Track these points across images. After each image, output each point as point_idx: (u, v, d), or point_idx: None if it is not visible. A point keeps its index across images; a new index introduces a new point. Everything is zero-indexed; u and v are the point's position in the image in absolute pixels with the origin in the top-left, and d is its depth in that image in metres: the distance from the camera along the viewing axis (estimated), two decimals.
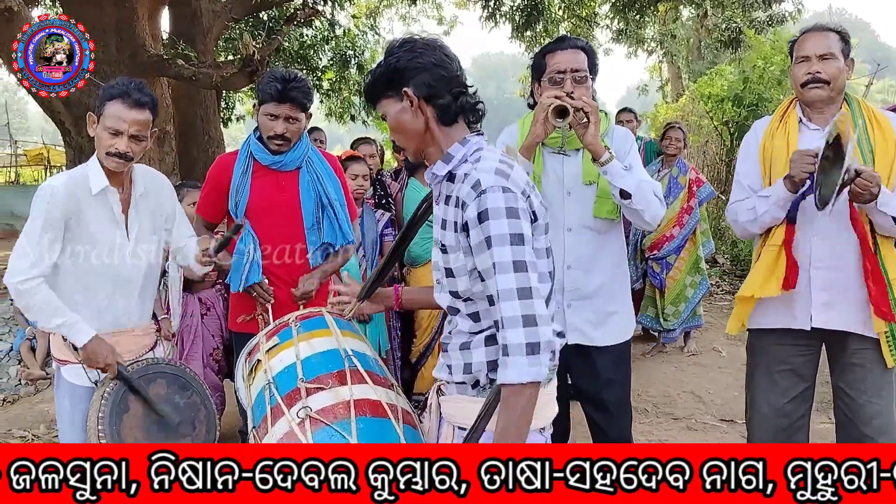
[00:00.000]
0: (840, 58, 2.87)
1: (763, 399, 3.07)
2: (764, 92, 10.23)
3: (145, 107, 2.77)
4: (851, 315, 2.86)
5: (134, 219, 2.89)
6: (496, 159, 1.94)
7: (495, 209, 1.83)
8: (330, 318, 2.49)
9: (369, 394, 2.16)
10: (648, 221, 2.83)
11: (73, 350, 2.82)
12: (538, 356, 1.76)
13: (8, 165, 24.10)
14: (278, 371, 2.32)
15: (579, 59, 2.86)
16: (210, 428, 2.94)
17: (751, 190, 3.02)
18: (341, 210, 3.35)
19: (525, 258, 1.82)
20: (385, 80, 2.00)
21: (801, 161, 2.72)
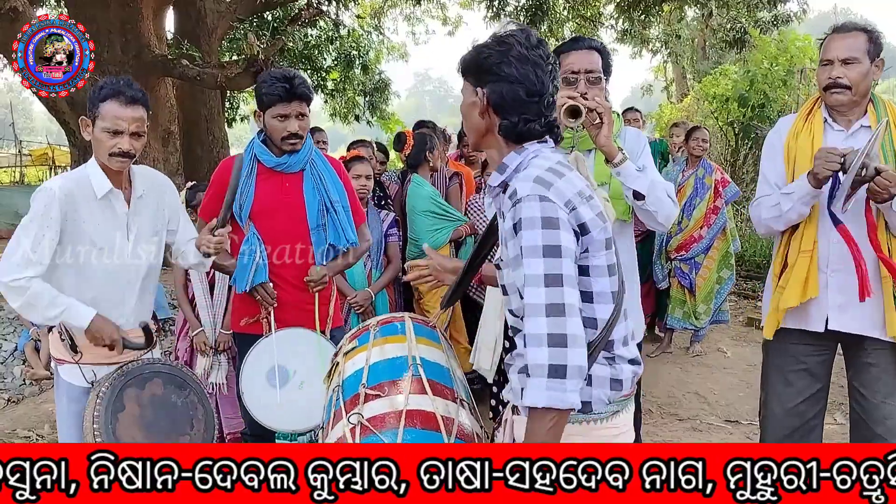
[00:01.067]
0: (865, 60, 2.82)
1: (777, 399, 3.07)
2: (769, 92, 10.20)
3: (139, 103, 2.76)
4: (867, 318, 2.85)
5: (133, 220, 2.89)
6: (544, 167, 1.82)
7: (529, 219, 1.72)
8: (410, 323, 2.44)
9: (425, 405, 2.11)
10: (661, 222, 2.78)
11: (69, 350, 2.82)
12: (563, 381, 1.63)
13: (12, 165, 24.14)
14: (348, 375, 2.32)
15: (593, 60, 2.82)
16: (208, 427, 2.93)
17: (776, 187, 2.99)
18: (343, 212, 3.34)
19: (561, 271, 1.68)
20: (471, 66, 1.93)
21: (825, 159, 2.68)
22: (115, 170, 2.78)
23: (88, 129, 2.78)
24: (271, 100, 3.14)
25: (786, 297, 2.90)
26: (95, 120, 2.74)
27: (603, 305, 1.83)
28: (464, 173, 5.37)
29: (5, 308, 7.38)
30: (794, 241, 2.92)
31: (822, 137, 2.91)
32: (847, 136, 2.89)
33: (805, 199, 2.80)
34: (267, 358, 3.13)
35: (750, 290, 8.94)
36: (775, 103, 10.08)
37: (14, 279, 2.64)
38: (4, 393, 5.76)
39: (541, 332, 1.66)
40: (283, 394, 3.11)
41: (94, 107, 2.74)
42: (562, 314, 1.65)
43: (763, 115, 10.06)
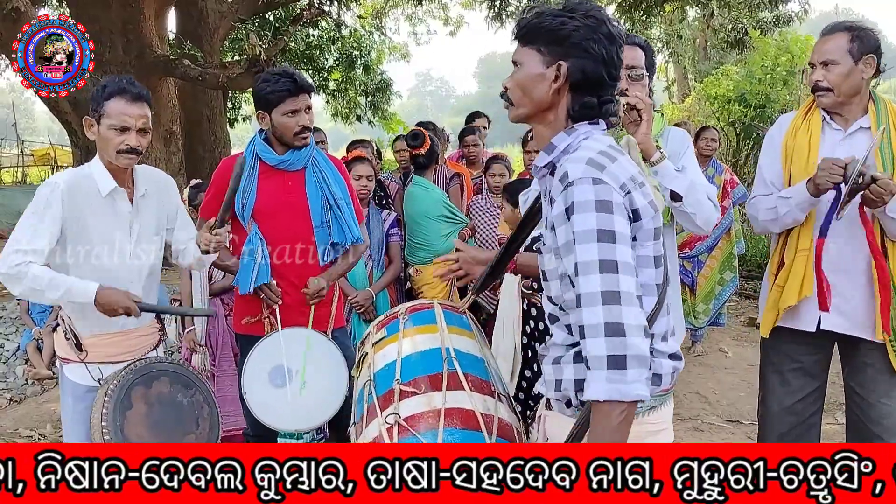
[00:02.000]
0: (845, 61, 2.82)
1: (773, 398, 3.08)
2: (770, 92, 10.20)
3: (144, 100, 2.77)
4: (859, 319, 2.86)
5: (136, 219, 2.90)
6: (596, 149, 1.73)
7: (583, 202, 1.63)
8: (440, 311, 2.36)
9: (463, 402, 2.04)
10: (700, 225, 2.69)
11: (74, 349, 2.83)
12: (624, 371, 1.56)
13: (15, 165, 24.15)
14: (380, 368, 2.26)
15: (636, 56, 2.74)
16: (213, 426, 2.94)
17: (772, 185, 3.01)
18: (347, 209, 3.34)
19: (616, 258, 1.60)
20: (547, 35, 1.76)
21: (828, 170, 2.68)
22: (121, 167, 2.79)
23: (93, 128, 2.78)
24: (280, 97, 3.13)
25: (785, 297, 2.91)
26: (101, 118, 2.74)
27: (646, 298, 1.75)
28: (464, 174, 5.38)
29: (7, 308, 7.40)
30: (790, 240, 2.93)
31: (819, 136, 2.93)
32: (845, 135, 2.90)
33: (802, 205, 2.81)
34: (269, 357, 3.14)
35: (751, 290, 8.93)
36: (776, 103, 10.08)
37: (12, 266, 2.65)
38: (7, 392, 5.77)
39: (597, 321, 1.59)
40: (286, 393, 3.11)
41: (98, 105, 2.74)
42: (618, 302, 1.58)
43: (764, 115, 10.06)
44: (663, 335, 1.84)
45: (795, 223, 2.88)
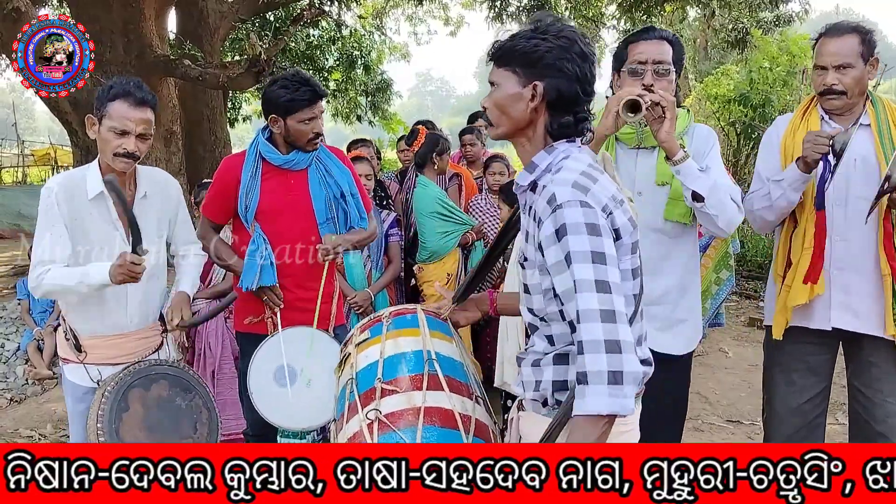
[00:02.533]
0: (859, 64, 2.83)
1: (780, 399, 3.08)
2: (770, 92, 10.19)
3: (148, 105, 2.76)
4: (868, 317, 2.86)
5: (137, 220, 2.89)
6: (578, 171, 1.79)
7: (574, 224, 1.70)
8: (423, 316, 2.41)
9: (442, 402, 2.09)
10: (722, 227, 2.66)
11: (73, 350, 2.83)
12: (621, 387, 1.62)
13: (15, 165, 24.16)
14: (362, 367, 2.29)
15: (663, 51, 2.70)
16: (212, 430, 2.93)
17: (768, 182, 3.00)
18: (353, 200, 3.34)
19: (608, 278, 1.67)
20: (521, 57, 1.83)
21: (814, 142, 2.69)
22: (118, 170, 2.77)
23: (94, 127, 2.77)
24: (299, 104, 3.12)
25: (793, 295, 2.90)
26: (102, 118, 2.73)
27: (627, 307, 1.80)
28: (463, 174, 5.38)
29: (8, 308, 7.40)
30: (795, 239, 2.93)
31: None
32: (839, 127, 2.91)
33: (795, 184, 2.80)
34: (273, 357, 3.14)
35: (751, 290, 8.94)
36: (777, 103, 10.06)
37: (34, 279, 2.73)
38: (7, 392, 5.77)
39: (597, 338, 1.64)
40: (291, 392, 3.12)
41: (101, 105, 2.73)
42: (614, 320, 1.64)
43: (764, 115, 10.03)
44: (637, 340, 1.88)
45: (790, 206, 2.87)
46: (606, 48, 18.12)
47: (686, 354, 2.94)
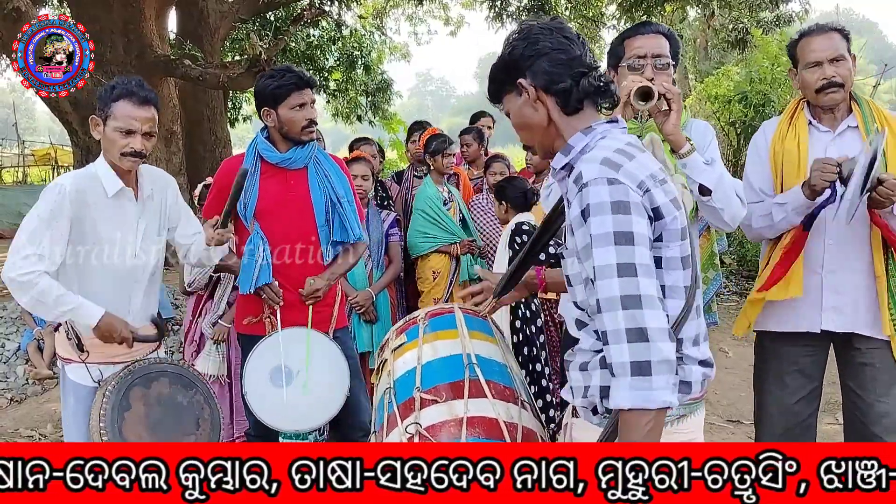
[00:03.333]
0: (848, 58, 2.86)
1: (771, 400, 3.07)
2: (770, 92, 10.19)
3: (151, 103, 2.78)
4: (861, 317, 2.86)
5: (141, 219, 2.90)
6: (612, 148, 1.71)
7: (598, 204, 1.60)
8: (461, 316, 2.34)
9: (486, 410, 2.01)
10: (727, 221, 2.60)
11: (75, 349, 2.83)
12: (650, 378, 1.53)
13: (15, 165, 24.18)
14: (399, 375, 2.22)
15: (661, 45, 2.68)
16: (214, 427, 2.94)
17: (761, 192, 3.00)
18: (349, 207, 3.35)
19: (634, 260, 1.57)
20: (502, 74, 1.85)
21: (822, 170, 2.67)
22: (125, 169, 2.79)
23: (99, 127, 2.79)
24: (287, 90, 3.16)
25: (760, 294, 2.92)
26: (107, 119, 2.74)
27: (673, 301, 1.72)
28: (461, 175, 5.38)
29: (8, 308, 7.40)
30: (778, 242, 2.93)
31: (808, 140, 2.93)
32: (834, 136, 2.91)
33: (799, 209, 2.80)
34: (270, 357, 3.14)
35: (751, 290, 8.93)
36: (777, 103, 10.06)
37: (23, 273, 2.62)
38: (7, 392, 5.77)
39: (618, 327, 1.56)
40: (287, 393, 3.11)
41: (105, 106, 2.74)
42: (639, 306, 1.55)
43: (764, 115, 10.03)
44: (693, 339, 1.79)
45: (790, 227, 2.87)
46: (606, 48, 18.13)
47: None
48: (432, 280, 4.77)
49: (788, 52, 3.03)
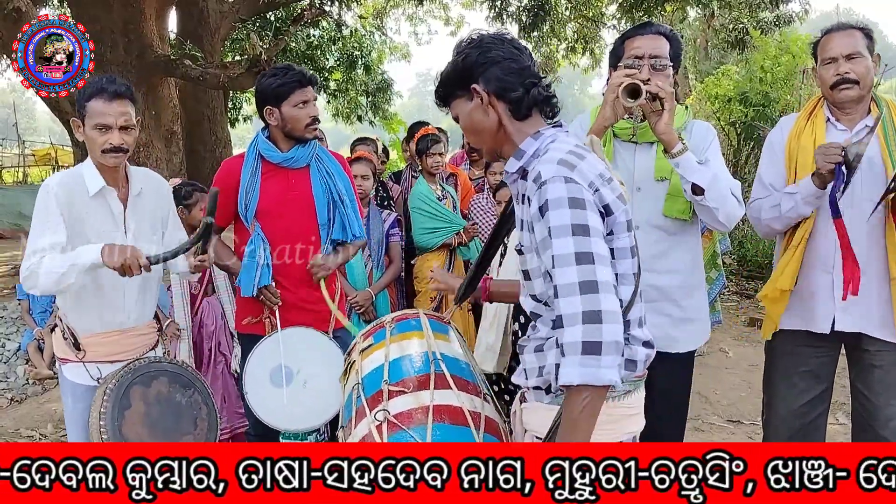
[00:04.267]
0: (867, 55, 2.84)
1: (781, 401, 3.06)
2: (770, 92, 10.19)
3: (124, 96, 2.77)
4: (872, 318, 2.85)
5: (131, 218, 2.90)
6: (564, 150, 1.82)
7: (556, 199, 1.71)
8: (426, 320, 2.42)
9: (451, 400, 2.07)
10: (722, 221, 2.62)
11: (72, 348, 2.83)
12: (598, 357, 1.60)
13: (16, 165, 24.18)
14: (367, 372, 2.28)
15: (660, 45, 2.69)
16: (211, 427, 2.94)
17: (772, 188, 2.98)
18: (351, 205, 3.35)
19: (591, 249, 1.67)
20: (454, 79, 1.96)
21: (825, 153, 2.67)
22: (109, 166, 2.79)
23: (80, 129, 2.81)
24: (290, 88, 3.15)
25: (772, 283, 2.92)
26: (84, 119, 2.76)
27: (625, 287, 1.84)
28: (459, 175, 5.37)
29: (8, 308, 7.40)
30: (787, 234, 2.93)
31: (824, 137, 2.90)
32: (851, 135, 2.88)
33: (808, 199, 2.78)
34: (270, 357, 3.13)
35: (752, 290, 8.93)
36: (777, 103, 10.06)
37: (26, 269, 2.68)
38: (8, 392, 5.77)
39: (575, 310, 1.63)
40: (287, 393, 3.11)
41: (81, 107, 2.77)
42: (595, 290, 1.63)
43: (765, 115, 10.04)
44: (638, 321, 1.91)
45: (800, 218, 2.86)
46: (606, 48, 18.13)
47: (687, 353, 2.93)
48: (430, 279, 4.78)
49: (812, 50, 3.02)
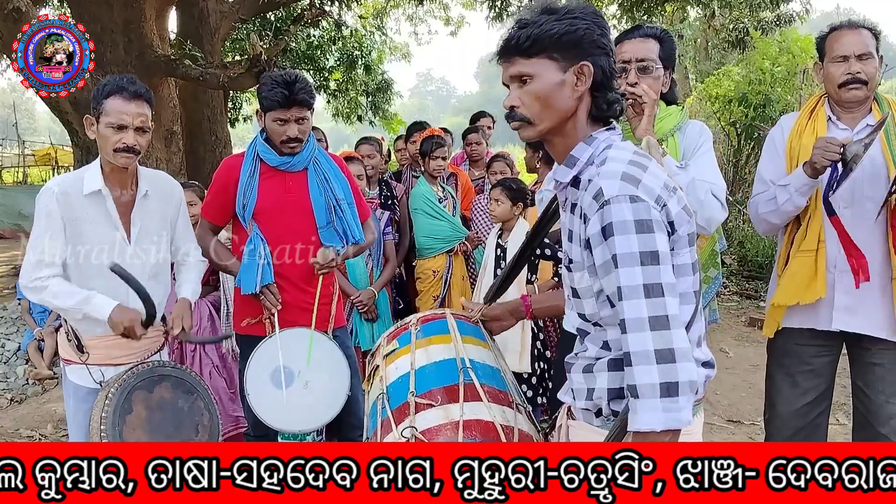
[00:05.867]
0: (876, 56, 2.84)
1: (782, 400, 3.07)
2: (771, 92, 10.17)
3: (143, 98, 2.77)
4: (874, 318, 2.85)
5: (136, 219, 2.89)
6: (625, 160, 1.67)
7: (621, 223, 1.58)
8: (453, 321, 2.32)
9: (482, 413, 1.98)
10: (702, 224, 2.61)
11: (76, 350, 2.83)
12: (676, 399, 1.53)
13: (16, 165, 24.17)
14: (392, 381, 2.19)
15: (647, 48, 2.70)
16: (213, 432, 2.93)
17: (771, 184, 2.98)
18: (349, 210, 3.34)
19: (661, 280, 1.57)
20: (563, 42, 1.69)
21: (824, 148, 2.66)
22: (120, 166, 2.78)
23: (93, 126, 2.79)
24: (271, 104, 3.14)
25: (784, 295, 2.90)
26: (100, 117, 2.75)
27: (686, 306, 1.72)
28: (460, 175, 5.37)
29: (8, 308, 7.40)
30: (797, 240, 2.91)
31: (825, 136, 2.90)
32: (852, 134, 2.88)
33: (802, 189, 2.78)
34: (271, 358, 3.13)
35: (752, 290, 8.93)
36: (777, 103, 10.04)
37: (31, 279, 2.72)
38: (8, 393, 5.77)
39: (647, 348, 1.55)
40: (288, 394, 3.11)
41: (97, 104, 2.75)
42: (666, 327, 1.55)
43: (765, 115, 10.02)
44: (697, 340, 1.80)
45: (797, 210, 2.86)
46: None
47: None
48: (432, 278, 4.78)
49: (817, 45, 3.00)
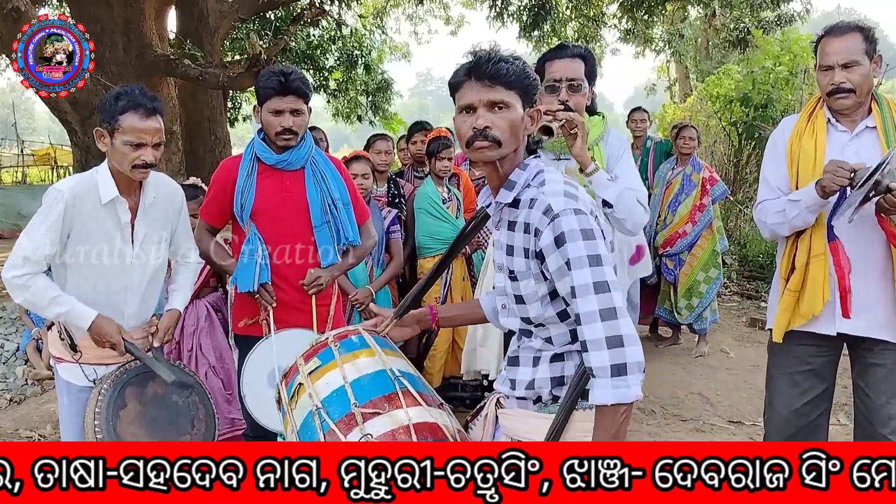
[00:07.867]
0: (864, 61, 2.80)
1: (781, 400, 3.06)
2: (772, 92, 10.16)
3: (157, 113, 2.74)
4: (876, 321, 2.84)
5: (141, 225, 2.88)
6: (561, 181, 1.95)
7: (571, 231, 1.83)
8: (369, 336, 2.38)
9: (426, 416, 2.06)
10: (630, 229, 2.86)
11: (68, 349, 2.82)
12: (625, 377, 1.76)
13: (15, 165, 24.17)
14: (326, 395, 2.19)
15: (575, 68, 2.93)
16: (209, 428, 2.92)
17: (779, 190, 2.97)
18: (344, 210, 3.33)
19: (605, 278, 1.81)
20: (528, 86, 1.96)
21: (835, 173, 2.65)
22: (136, 179, 2.78)
23: (105, 139, 2.74)
24: (267, 93, 3.14)
25: (808, 305, 2.88)
26: (114, 132, 2.70)
27: None
28: (461, 175, 5.36)
29: (7, 308, 7.39)
30: (801, 244, 2.90)
31: (825, 139, 2.89)
32: (851, 136, 2.87)
33: (812, 207, 2.78)
34: (268, 359, 3.12)
35: (753, 290, 8.92)
36: (778, 103, 10.03)
37: (14, 276, 2.68)
38: (7, 393, 5.76)
39: (598, 336, 1.78)
40: None
41: (111, 118, 2.69)
42: (614, 317, 1.78)
43: (766, 115, 10.01)
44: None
45: (805, 225, 2.85)
46: (607, 48, 18.12)
47: None
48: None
49: (813, 49, 3.00)
